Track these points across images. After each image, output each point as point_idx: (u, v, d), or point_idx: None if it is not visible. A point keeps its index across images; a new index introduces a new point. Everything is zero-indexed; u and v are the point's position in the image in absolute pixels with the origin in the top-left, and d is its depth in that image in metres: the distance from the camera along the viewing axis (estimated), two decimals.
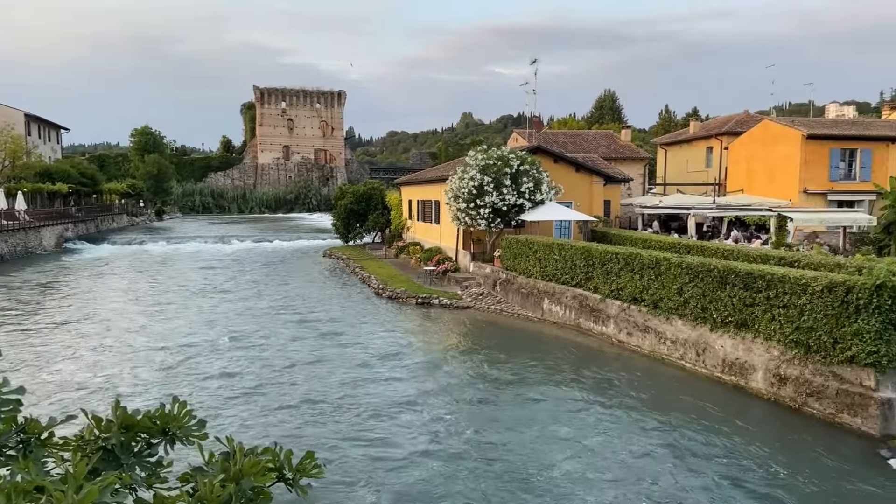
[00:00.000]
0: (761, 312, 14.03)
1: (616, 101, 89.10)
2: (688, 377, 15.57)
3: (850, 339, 12.04)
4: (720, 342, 15.13)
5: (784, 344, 13.43)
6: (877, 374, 11.69)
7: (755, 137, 37.30)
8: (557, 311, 21.66)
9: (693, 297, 16.02)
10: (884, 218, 29.68)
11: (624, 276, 18.75)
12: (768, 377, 13.70)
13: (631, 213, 37.69)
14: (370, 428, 12.33)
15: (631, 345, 18.16)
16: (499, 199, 25.67)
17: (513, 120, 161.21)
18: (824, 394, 12.48)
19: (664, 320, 17.04)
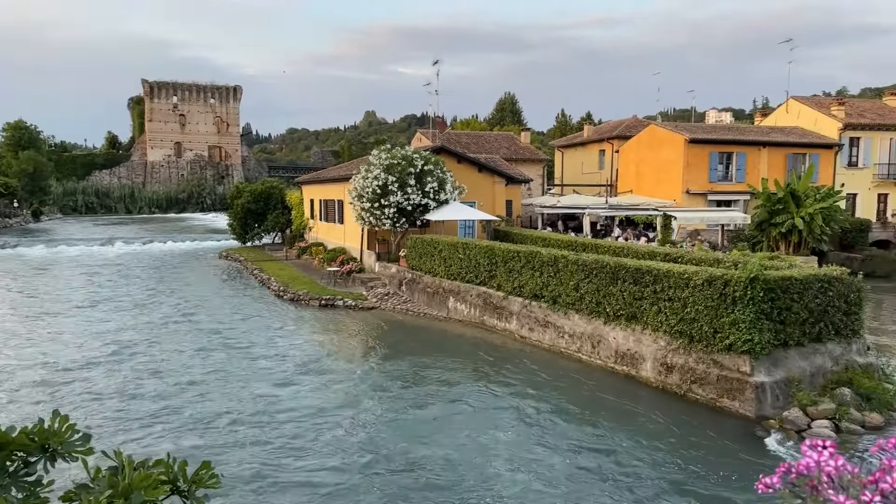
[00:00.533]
0: (649, 305, 14.93)
1: (516, 104, 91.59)
2: (584, 368, 16.30)
3: (728, 329, 13.05)
4: (613, 334, 15.95)
5: (670, 334, 14.35)
6: (752, 361, 12.74)
7: (643, 141, 39.58)
8: (463, 309, 21.98)
9: (588, 292, 16.78)
10: (757, 216, 32.43)
11: (525, 273, 19.33)
12: (656, 366, 14.60)
13: (531, 213, 38.88)
14: (278, 443, 11.97)
15: (532, 339, 18.75)
16: (403, 199, 25.69)
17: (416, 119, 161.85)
18: (706, 380, 13.46)
19: (562, 315, 17.74)
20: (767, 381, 12.70)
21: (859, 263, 33.00)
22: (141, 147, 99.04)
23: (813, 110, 40.52)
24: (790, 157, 37.15)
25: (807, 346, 13.42)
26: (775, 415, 12.43)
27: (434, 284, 23.51)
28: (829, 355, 13.60)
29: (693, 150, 35.91)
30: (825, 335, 13.63)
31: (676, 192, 36.12)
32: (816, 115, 39.88)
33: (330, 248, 33.07)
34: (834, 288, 13.74)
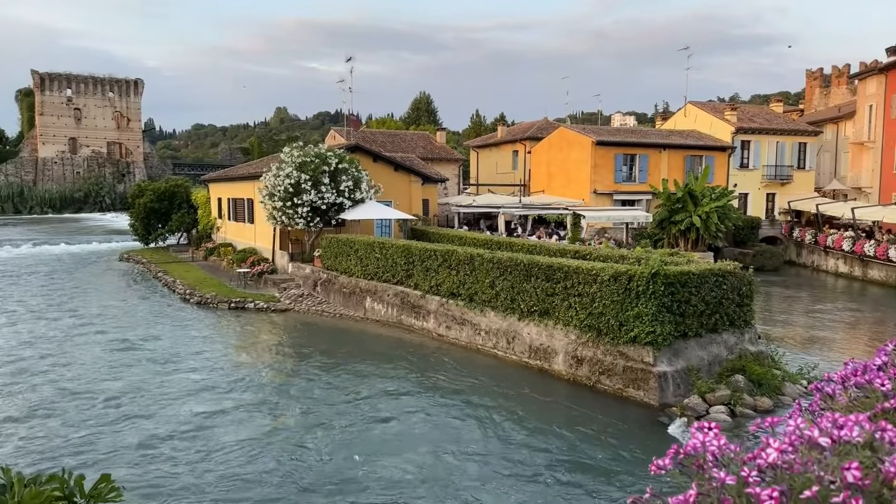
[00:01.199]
0: (560, 301, 15.45)
1: (431, 104, 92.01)
2: (500, 364, 16.64)
3: (632, 322, 13.71)
4: (527, 330, 16.38)
5: (580, 329, 14.91)
6: (654, 352, 13.45)
7: (553, 143, 40.83)
8: (380, 308, 21.87)
9: (503, 289, 17.14)
10: (658, 215, 34.24)
11: (442, 272, 19.48)
12: (568, 359, 15.13)
13: (448, 212, 39.20)
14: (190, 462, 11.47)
15: (450, 337, 18.93)
16: (317, 198, 25.24)
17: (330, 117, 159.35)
18: (613, 371, 14.09)
19: (479, 313, 18.02)
20: (669, 370, 13.45)
21: (751, 258, 35.56)
22: (31, 142, 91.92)
23: (708, 115, 43.20)
24: (688, 159, 39.43)
25: (704, 337, 14.32)
26: (677, 402, 13.18)
27: (350, 284, 23.26)
28: (724, 345, 14.57)
29: (600, 152, 37.39)
30: (721, 326, 14.60)
31: (585, 192, 37.49)
32: (712, 120, 42.54)
33: (240, 248, 31.99)
34: (728, 281, 14.73)
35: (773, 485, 1.13)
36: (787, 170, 41.81)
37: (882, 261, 30.73)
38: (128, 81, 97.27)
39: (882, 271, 30.89)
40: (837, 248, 34.16)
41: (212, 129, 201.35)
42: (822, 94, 60.56)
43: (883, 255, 30.58)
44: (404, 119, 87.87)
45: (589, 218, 32.02)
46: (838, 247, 34.03)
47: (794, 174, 41.92)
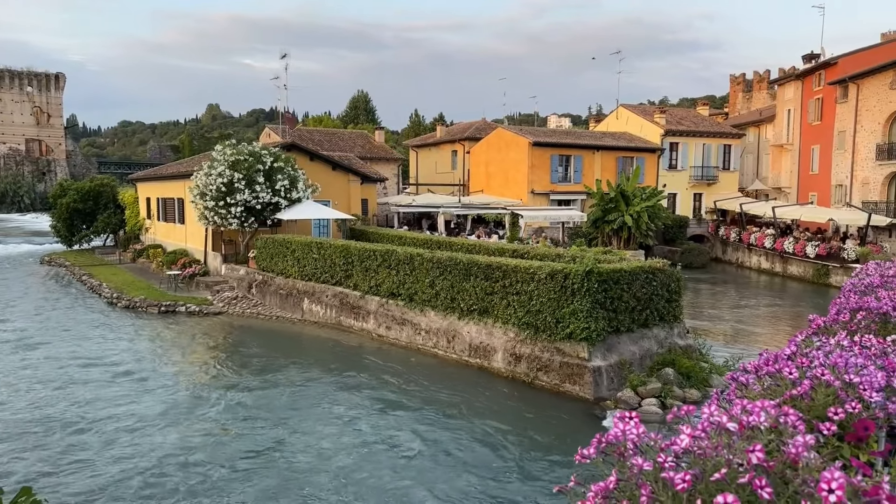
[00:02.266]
0: (499, 299, 15.62)
1: (369, 103, 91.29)
2: (441, 363, 16.68)
3: (568, 319, 14.01)
4: (467, 329, 16.49)
5: (518, 326, 15.13)
6: (589, 347, 13.79)
7: (491, 143, 41.27)
8: (318, 310, 21.54)
9: (443, 289, 17.19)
10: (592, 214, 35.15)
11: (382, 272, 19.36)
12: (506, 357, 15.32)
13: (387, 212, 39.03)
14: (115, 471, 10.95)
15: (390, 338, 18.84)
16: (252, 197, 24.62)
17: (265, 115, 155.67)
18: (551, 367, 14.36)
19: (419, 312, 18.01)
20: (603, 365, 13.82)
21: (679, 256, 37.00)
22: None
23: (639, 117, 44.67)
24: (620, 160, 40.64)
25: (636, 332, 14.79)
26: (611, 396, 13.55)
27: (287, 286, 22.81)
28: (654, 339, 15.09)
29: (536, 153, 38.06)
30: (651, 321, 15.11)
31: (523, 192, 38.08)
32: (642, 122, 44.01)
33: (170, 250, 30.85)
34: (657, 278, 15.26)
35: (687, 469, 1.17)
36: (713, 171, 43.73)
37: (800, 257, 32.55)
38: (48, 75, 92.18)
39: (800, 267, 32.73)
40: (760, 246, 35.97)
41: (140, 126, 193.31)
42: (745, 99, 63.65)
43: (801, 252, 32.41)
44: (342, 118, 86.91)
45: (527, 217, 32.53)
46: (760, 244, 35.83)
47: (719, 175, 43.88)
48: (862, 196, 35.55)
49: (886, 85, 33.99)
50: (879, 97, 34.56)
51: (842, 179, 37.76)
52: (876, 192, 34.65)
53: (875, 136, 34.79)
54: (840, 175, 37.97)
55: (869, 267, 4.17)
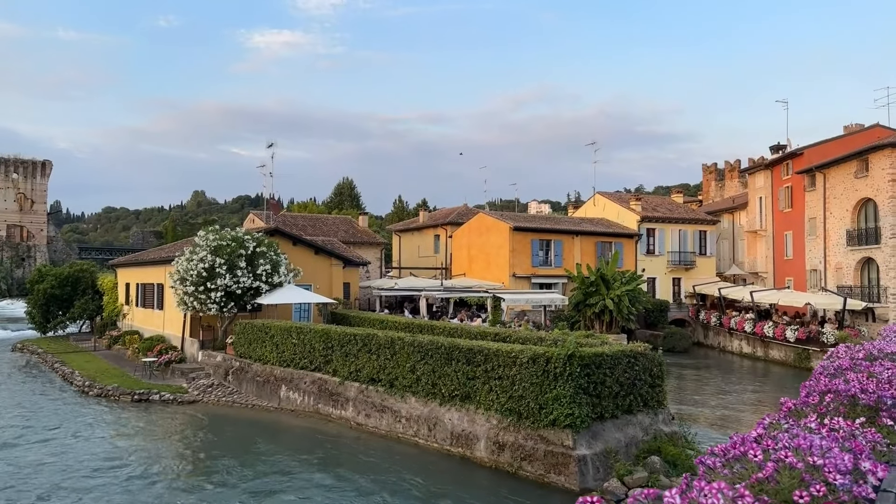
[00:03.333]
0: (481, 384, 15.36)
1: (354, 189, 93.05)
2: (421, 453, 16.13)
3: (551, 404, 13.75)
4: (448, 416, 16.09)
5: (501, 412, 14.80)
6: (573, 434, 13.47)
7: (473, 228, 41.95)
8: (296, 397, 20.97)
9: (424, 373, 16.90)
10: (573, 298, 35.34)
11: (362, 356, 19.06)
12: (489, 445, 14.89)
13: (370, 295, 38.92)
14: None
15: (370, 426, 18.28)
16: (232, 282, 24.50)
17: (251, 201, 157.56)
18: (535, 456, 13.94)
19: (399, 399, 17.60)
20: (588, 453, 13.45)
21: (662, 340, 37.00)
22: None
23: (615, 204, 45.89)
24: (599, 245, 41.38)
25: (620, 418, 14.52)
26: (597, 486, 13.10)
27: (265, 372, 22.31)
28: (639, 426, 14.81)
29: (517, 237, 38.68)
30: (635, 407, 14.88)
31: (504, 275, 38.36)
32: (619, 209, 45.17)
33: (147, 336, 30.25)
34: (639, 362, 15.18)
35: None
36: (690, 256, 44.57)
37: (780, 341, 32.70)
38: (34, 162, 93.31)
39: (781, 351, 32.81)
40: (740, 330, 36.15)
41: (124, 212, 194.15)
42: (717, 187, 65.92)
43: (781, 336, 32.59)
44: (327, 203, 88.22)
45: (508, 301, 32.57)
46: (741, 328, 36.03)
47: (696, 260, 44.69)
48: (836, 280, 36.26)
49: (851, 174, 35.49)
50: (846, 185, 35.98)
51: (816, 264, 38.61)
52: (849, 276, 35.39)
53: (844, 222, 35.94)
54: (814, 260, 38.85)
55: (840, 350, 4.22)
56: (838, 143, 39.66)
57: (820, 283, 37.69)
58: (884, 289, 33.17)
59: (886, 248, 32.89)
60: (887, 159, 32.97)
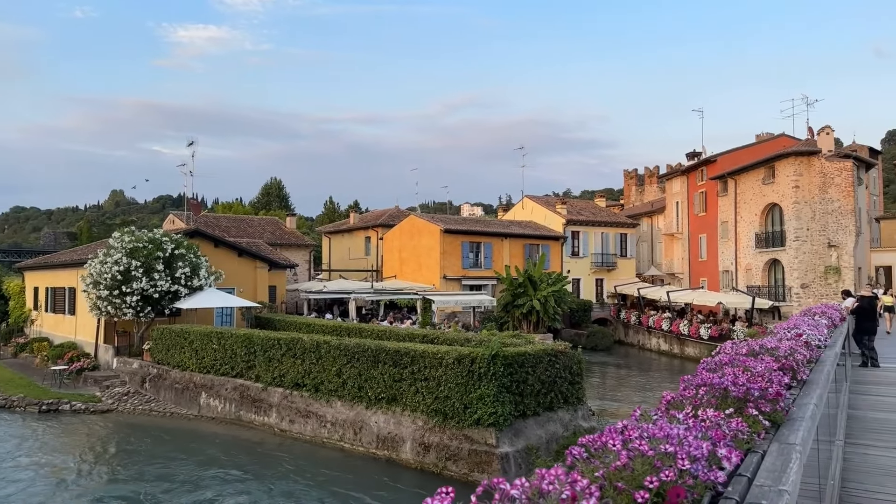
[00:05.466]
0: (408, 386, 15.39)
1: (283, 189, 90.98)
2: (347, 457, 15.99)
3: (476, 404, 13.95)
4: (374, 419, 16.03)
5: (427, 414, 14.88)
6: (496, 433, 13.71)
7: (404, 230, 41.93)
8: (216, 405, 20.33)
9: (350, 377, 16.76)
10: (502, 299, 35.91)
11: (286, 361, 18.70)
12: (415, 447, 14.93)
13: (297, 299, 38.20)
14: None
15: (294, 432, 17.96)
16: (149, 286, 23.50)
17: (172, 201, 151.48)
18: (459, 455, 14.09)
19: (325, 403, 17.38)
20: (511, 451, 13.73)
21: (585, 339, 38.17)
22: None
23: (543, 208, 46.98)
24: (527, 247, 42.23)
25: (542, 415, 14.89)
26: None
27: (183, 379, 21.52)
28: (560, 422, 15.23)
29: (448, 240, 38.95)
30: (556, 404, 15.30)
31: (435, 277, 38.54)
32: (546, 212, 46.27)
33: (57, 343, 28.57)
34: (560, 361, 15.62)
35: None
36: (612, 258, 46.17)
37: (695, 339, 34.35)
38: None
39: (696, 348, 34.47)
40: (658, 328, 37.74)
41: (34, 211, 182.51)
42: (638, 191, 68.58)
43: (695, 334, 34.23)
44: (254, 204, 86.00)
45: (438, 302, 32.75)
46: (658, 327, 37.62)
47: (618, 261, 46.34)
48: (746, 281, 38.45)
49: (759, 180, 37.74)
50: (754, 191, 38.22)
51: (728, 266, 40.80)
52: (758, 277, 37.61)
53: (753, 226, 38.16)
54: (726, 262, 41.05)
55: (726, 346, 4.50)
56: (749, 151, 42.07)
57: (731, 283, 39.86)
58: (788, 288, 35.43)
59: (790, 251, 35.17)
60: (791, 167, 35.26)
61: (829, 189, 34.39)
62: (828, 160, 34.59)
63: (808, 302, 31.85)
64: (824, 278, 34.16)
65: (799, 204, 34.77)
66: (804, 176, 34.88)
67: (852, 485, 5.72)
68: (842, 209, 34.12)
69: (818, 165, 34.66)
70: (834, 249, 34.14)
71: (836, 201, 34.24)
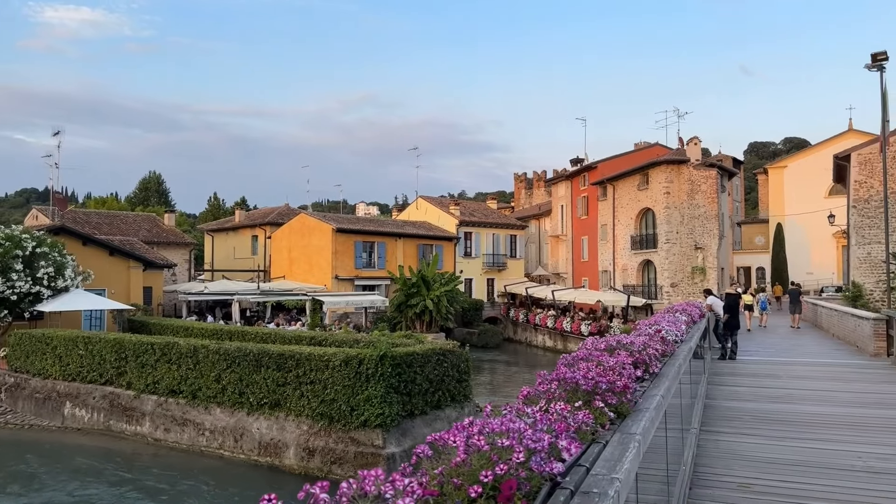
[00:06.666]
0: (292, 390, 14.99)
1: (162, 184, 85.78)
2: (226, 465, 15.33)
3: (363, 406, 13.83)
4: (256, 425, 15.48)
5: (312, 418, 14.56)
6: (383, 434, 13.68)
7: (294, 228, 40.87)
8: (83, 415, 18.81)
9: (231, 382, 16.08)
10: (395, 299, 35.91)
11: (161, 367, 17.64)
12: (299, 452, 14.57)
13: (176, 301, 36.16)
14: None
15: (169, 441, 16.97)
16: (6, 287, 21.37)
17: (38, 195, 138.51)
18: (345, 458, 13.92)
19: (203, 410, 16.57)
20: (398, 451, 13.74)
21: (476, 337, 39.02)
22: None
23: (437, 208, 47.52)
24: (421, 247, 42.54)
25: (429, 414, 15.03)
26: None
27: (45, 388, 19.74)
28: (447, 420, 15.42)
29: (340, 239, 38.41)
30: (444, 402, 15.50)
31: (327, 277, 37.87)
32: (440, 213, 46.83)
33: None
34: (448, 360, 15.83)
35: None
36: (503, 258, 47.54)
37: (577, 335, 36.06)
38: None
39: (577, 344, 35.75)
40: (544, 326, 39.27)
41: None
42: (527, 195, 71.09)
43: (577, 331, 35.94)
44: (131, 199, 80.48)
45: (328, 303, 32.19)
46: (544, 324, 39.15)
47: (508, 262, 47.78)
48: (623, 280, 40.89)
49: (635, 186, 40.25)
50: (630, 196, 40.73)
51: (607, 266, 43.21)
52: (633, 276, 40.10)
53: (629, 229, 40.65)
54: (605, 262, 43.45)
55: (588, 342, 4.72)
56: (626, 159, 44.79)
57: (610, 282, 42.24)
58: (660, 287, 38.06)
59: (662, 252, 37.79)
60: (663, 174, 37.91)
61: (696, 195, 37.29)
62: (695, 169, 37.52)
63: (677, 299, 34.35)
64: (691, 278, 37.00)
65: (669, 209, 37.43)
66: (674, 183, 37.60)
67: (703, 469, 6.22)
68: (707, 214, 37.12)
69: (687, 173, 37.49)
70: (700, 251, 37.07)
71: (702, 207, 37.19)
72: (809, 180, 47.60)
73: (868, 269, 27.38)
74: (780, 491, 5.42)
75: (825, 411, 8.75)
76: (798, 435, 7.38)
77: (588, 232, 45.73)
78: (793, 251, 46.88)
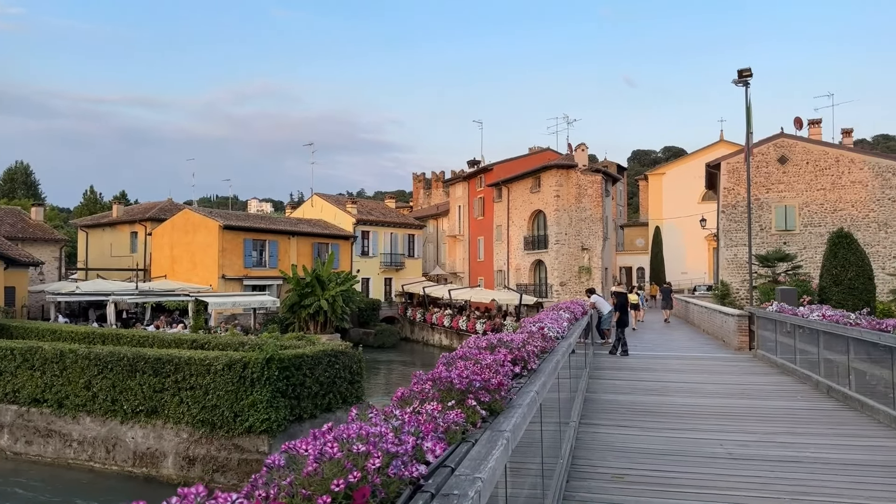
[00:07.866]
0: (170, 397, 14.12)
1: (31, 175, 78.40)
2: (97, 478, 14.21)
3: (247, 411, 13.26)
4: (131, 434, 14.44)
5: (192, 425, 13.78)
6: (269, 440, 13.17)
7: (177, 225, 38.64)
8: None
9: (103, 389, 14.91)
10: (288, 300, 34.83)
11: (22, 374, 16.07)
12: (178, 461, 13.75)
13: (44, 302, 33.10)
14: None
15: (31, 455, 15.50)
16: None
17: None
18: (228, 466, 13.28)
19: (71, 420, 15.26)
20: None
21: (373, 337, 38.70)
22: None
23: (333, 206, 46.66)
24: (316, 246, 41.57)
25: (319, 418, 14.65)
26: None
27: None
28: (338, 423, 15.10)
29: (228, 237, 36.75)
30: (335, 404, 15.17)
31: (213, 277, 36.11)
32: (336, 211, 46.02)
33: None
34: (340, 361, 15.52)
35: None
36: (401, 257, 47.49)
37: (472, 333, 36.64)
38: None
39: None
40: (440, 325, 39.61)
41: None
42: (426, 195, 71.50)
43: (472, 329, 36.53)
44: None
45: (213, 304, 30.68)
46: (441, 323, 39.50)
47: (406, 261, 47.79)
48: (516, 279, 42.05)
49: (528, 189, 41.51)
50: (524, 199, 41.96)
51: (501, 266, 44.27)
52: (526, 276, 41.34)
53: (522, 230, 41.87)
54: (500, 262, 44.50)
55: (470, 341, 4.72)
56: (521, 162, 46.10)
57: (504, 281, 43.30)
58: (550, 286, 39.49)
59: (552, 252, 39.23)
60: (553, 178, 39.35)
61: (583, 199, 39.01)
62: (583, 174, 39.24)
63: (565, 298, 35.77)
64: (578, 277, 38.67)
65: (559, 211, 38.93)
66: (564, 186, 39.14)
67: (581, 461, 6.43)
68: (592, 217, 38.94)
69: (575, 178, 39.14)
70: (586, 252, 38.83)
71: (588, 210, 38.97)
72: (685, 186, 51.16)
73: (735, 270, 29.85)
74: (651, 480, 5.69)
75: (695, 402, 9.35)
76: (670, 425, 7.82)
77: (484, 232, 46.63)
78: (670, 252, 50.18)
